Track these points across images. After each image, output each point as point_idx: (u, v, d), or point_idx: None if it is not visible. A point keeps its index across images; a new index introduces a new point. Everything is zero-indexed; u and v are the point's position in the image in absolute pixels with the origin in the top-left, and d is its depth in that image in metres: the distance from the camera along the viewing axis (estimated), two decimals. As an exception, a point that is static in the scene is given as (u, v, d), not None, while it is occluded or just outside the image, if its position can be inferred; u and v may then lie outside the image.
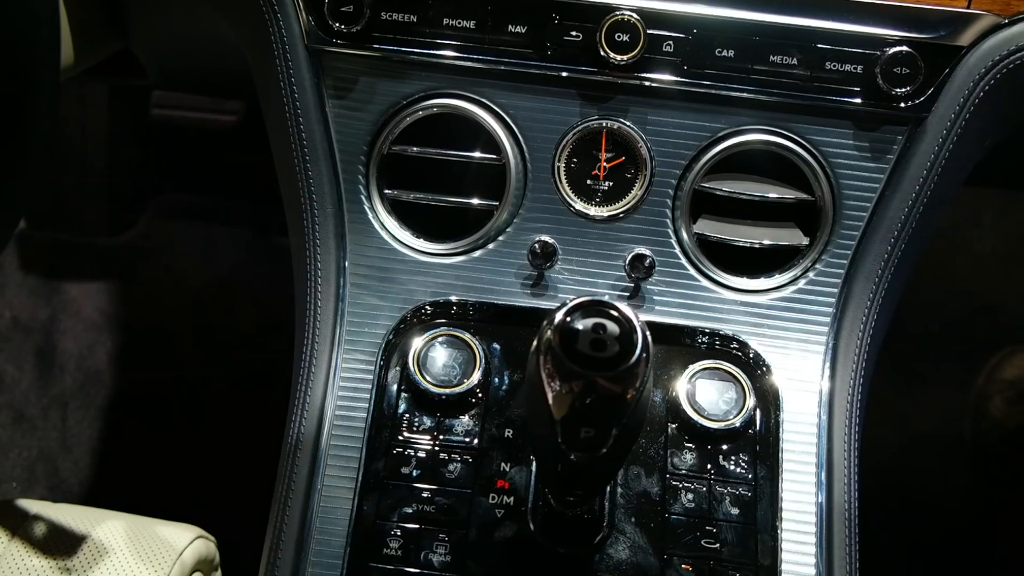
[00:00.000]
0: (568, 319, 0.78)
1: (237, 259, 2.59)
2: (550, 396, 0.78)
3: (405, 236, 1.14)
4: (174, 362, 2.45)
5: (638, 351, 0.77)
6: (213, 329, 2.49)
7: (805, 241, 1.13)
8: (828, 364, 1.09)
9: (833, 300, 1.12)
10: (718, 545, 1.00)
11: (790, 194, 1.13)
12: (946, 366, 2.40)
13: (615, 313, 0.78)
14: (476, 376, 1.06)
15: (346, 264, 1.12)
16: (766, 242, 1.13)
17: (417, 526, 1.00)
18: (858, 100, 1.10)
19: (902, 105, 1.09)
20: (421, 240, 1.14)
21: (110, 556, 1.35)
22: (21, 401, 2.39)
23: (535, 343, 0.80)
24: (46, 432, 2.36)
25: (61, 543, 1.36)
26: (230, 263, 2.59)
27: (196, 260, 2.60)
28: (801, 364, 1.09)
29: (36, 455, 2.33)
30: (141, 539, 1.37)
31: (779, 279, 1.13)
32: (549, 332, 0.78)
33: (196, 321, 2.50)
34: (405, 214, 1.15)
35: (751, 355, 1.10)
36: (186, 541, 1.39)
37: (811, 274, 1.12)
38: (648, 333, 0.78)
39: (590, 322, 0.78)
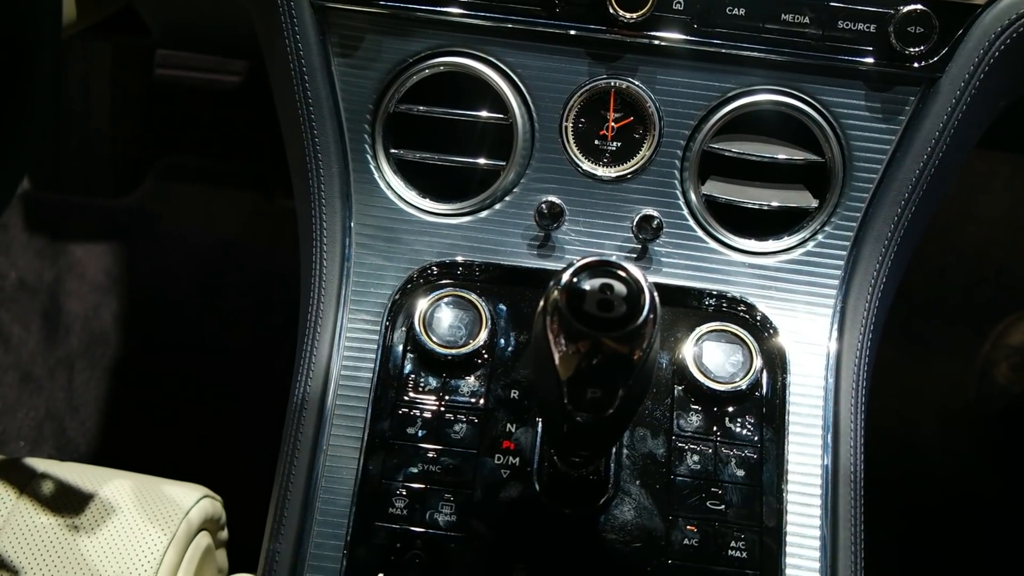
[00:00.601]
0: (575, 279, 0.77)
1: (241, 221, 2.59)
2: (556, 357, 0.78)
3: (411, 196, 1.13)
4: (179, 324, 2.45)
5: (645, 312, 0.76)
6: (218, 290, 2.49)
7: (814, 203, 1.12)
8: (836, 327, 1.08)
9: (842, 263, 1.11)
10: (723, 507, 1.00)
11: (799, 155, 1.12)
12: (953, 332, 2.40)
13: (622, 273, 0.77)
14: (482, 337, 1.05)
15: (351, 224, 1.12)
16: (775, 204, 1.12)
17: (422, 486, 1.00)
18: (870, 60, 1.08)
19: (915, 65, 1.07)
20: (427, 200, 1.13)
21: (117, 515, 1.36)
22: (28, 361, 2.40)
23: (541, 303, 0.79)
24: (53, 392, 2.37)
25: (68, 501, 1.37)
26: (234, 225, 2.58)
27: (200, 222, 2.59)
28: (808, 327, 1.08)
29: (43, 415, 2.34)
30: (148, 498, 1.38)
31: (788, 241, 1.12)
32: (556, 292, 0.77)
33: (201, 282, 2.50)
34: (411, 174, 1.14)
35: (758, 317, 1.09)
36: (192, 500, 1.40)
37: (820, 236, 1.11)
38: (656, 294, 0.77)
39: (597, 282, 0.77)
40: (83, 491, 1.38)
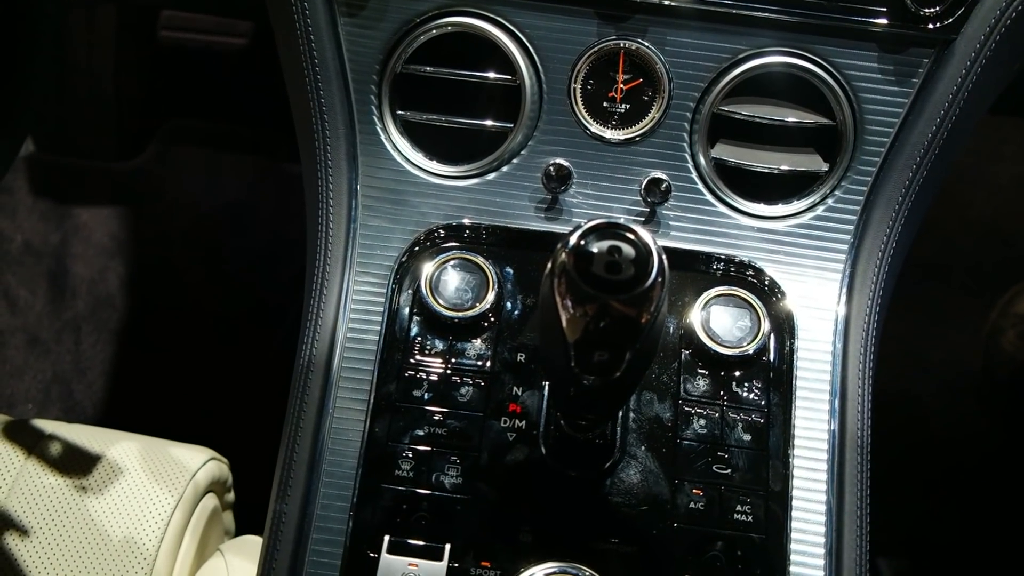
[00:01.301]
0: (583, 242, 0.77)
1: (246, 185, 2.58)
2: (564, 319, 0.77)
3: (418, 158, 1.12)
4: (185, 287, 2.46)
5: (653, 275, 0.75)
6: (223, 254, 2.48)
7: (825, 167, 1.11)
8: (844, 291, 1.07)
9: (851, 227, 1.10)
10: (729, 471, 1.00)
11: (810, 118, 1.11)
12: (960, 299, 2.39)
13: (631, 236, 0.77)
14: (488, 300, 1.05)
15: (358, 186, 1.11)
16: (784, 168, 1.11)
17: (428, 448, 1.00)
18: (884, 21, 1.06)
19: (930, 27, 1.06)
20: (434, 162, 1.12)
21: (124, 476, 1.37)
22: (35, 325, 2.40)
23: (549, 265, 0.79)
24: (60, 355, 2.37)
25: (76, 463, 1.38)
26: (239, 189, 2.57)
27: (205, 186, 2.59)
28: (817, 291, 1.08)
29: (51, 378, 2.35)
30: (155, 460, 1.39)
31: (797, 205, 1.11)
32: (563, 254, 0.77)
33: (206, 246, 2.50)
34: (418, 135, 1.13)
35: (766, 282, 1.09)
36: (199, 462, 1.40)
37: (830, 200, 1.10)
38: (664, 257, 0.76)
39: (605, 245, 0.76)
40: (90, 453, 1.39)
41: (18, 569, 1.27)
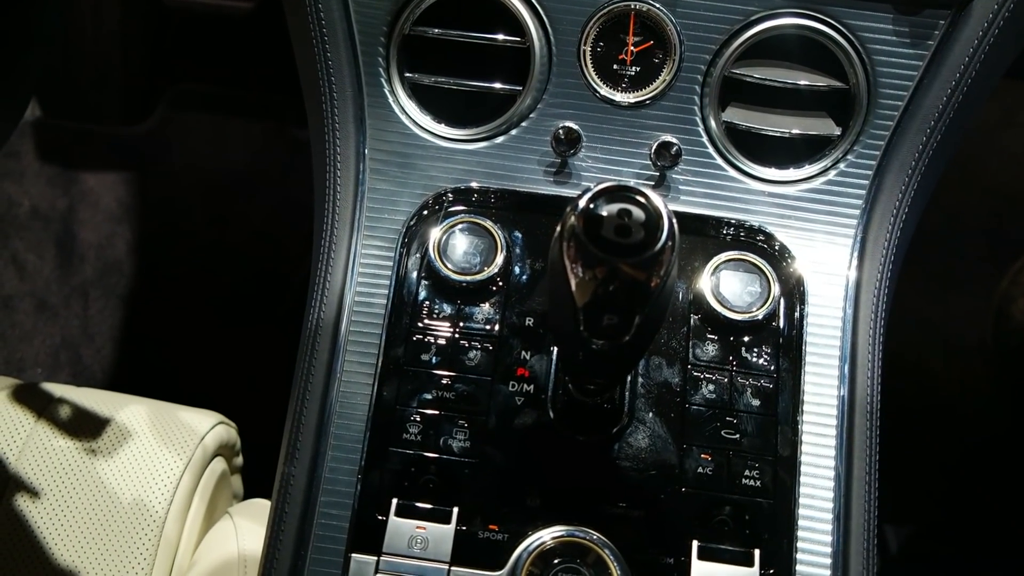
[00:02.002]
0: (593, 204, 0.76)
1: (252, 150, 2.57)
2: (573, 283, 0.77)
3: (426, 121, 1.11)
4: (192, 252, 2.46)
5: (664, 238, 0.75)
6: (229, 219, 2.48)
7: (837, 131, 1.10)
8: (856, 256, 1.06)
9: (863, 192, 1.09)
10: (738, 436, 0.99)
11: (823, 82, 1.09)
12: (971, 267, 2.38)
13: (641, 199, 0.76)
14: (497, 264, 1.04)
15: (365, 150, 1.10)
16: (796, 131, 1.10)
17: (436, 412, 1.00)
18: (899, -18, 1.05)
19: (946, -13, 1.04)
20: (442, 125, 1.11)
21: (133, 439, 1.37)
22: (43, 290, 2.41)
23: (558, 229, 0.78)
24: (68, 320, 2.38)
25: (86, 426, 1.38)
26: (246, 154, 2.57)
27: (212, 151, 2.58)
28: (828, 256, 1.07)
29: (59, 343, 2.36)
30: (163, 423, 1.39)
31: (809, 170, 1.10)
32: (573, 217, 0.76)
33: (213, 211, 2.49)
34: (426, 98, 1.12)
35: (777, 247, 1.08)
36: (208, 426, 1.41)
37: (842, 165, 1.09)
38: (675, 220, 0.76)
39: (615, 207, 0.76)
40: (100, 416, 1.40)
41: (30, 530, 1.28)
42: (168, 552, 1.29)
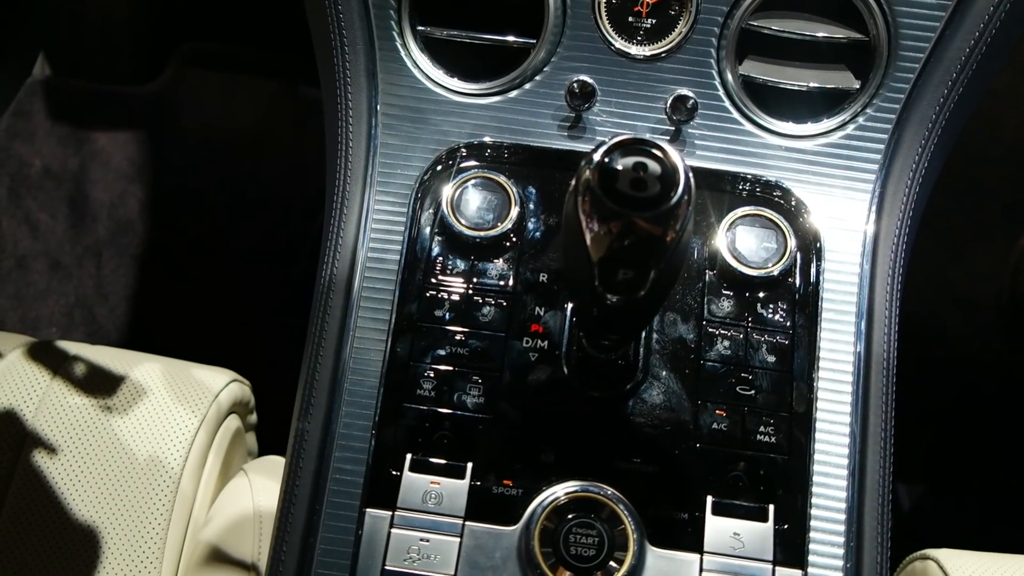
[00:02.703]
0: (608, 158, 0.75)
1: (263, 109, 2.56)
2: (588, 237, 0.76)
3: (438, 75, 1.10)
4: (204, 211, 2.45)
5: (680, 191, 0.74)
6: (240, 178, 2.47)
7: (856, 84, 1.08)
8: (874, 211, 1.05)
9: (882, 146, 1.07)
10: (753, 392, 0.99)
11: (842, 33, 1.07)
12: (987, 225, 2.35)
13: (657, 152, 0.75)
14: (511, 219, 1.03)
15: (377, 105, 1.09)
16: (814, 85, 1.08)
17: (450, 368, 1.00)
18: (923, -71, 1.02)
19: (971, -66, 1.01)
20: (455, 79, 1.10)
21: (148, 396, 1.38)
22: (56, 249, 2.41)
23: (573, 183, 0.77)
24: (81, 280, 2.39)
25: (100, 383, 1.39)
26: (257, 113, 2.55)
27: (222, 110, 2.56)
28: (845, 212, 1.06)
29: (73, 302, 2.37)
30: (178, 381, 1.40)
31: (827, 124, 1.08)
32: (588, 171, 0.75)
33: (224, 169, 2.49)
34: (438, 52, 1.11)
35: (793, 202, 1.06)
36: (222, 384, 1.41)
37: (861, 119, 1.08)
38: (691, 173, 0.75)
39: (631, 161, 0.75)
40: (114, 374, 1.40)
41: (48, 487, 1.29)
42: (184, 508, 1.30)
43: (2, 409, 1.34)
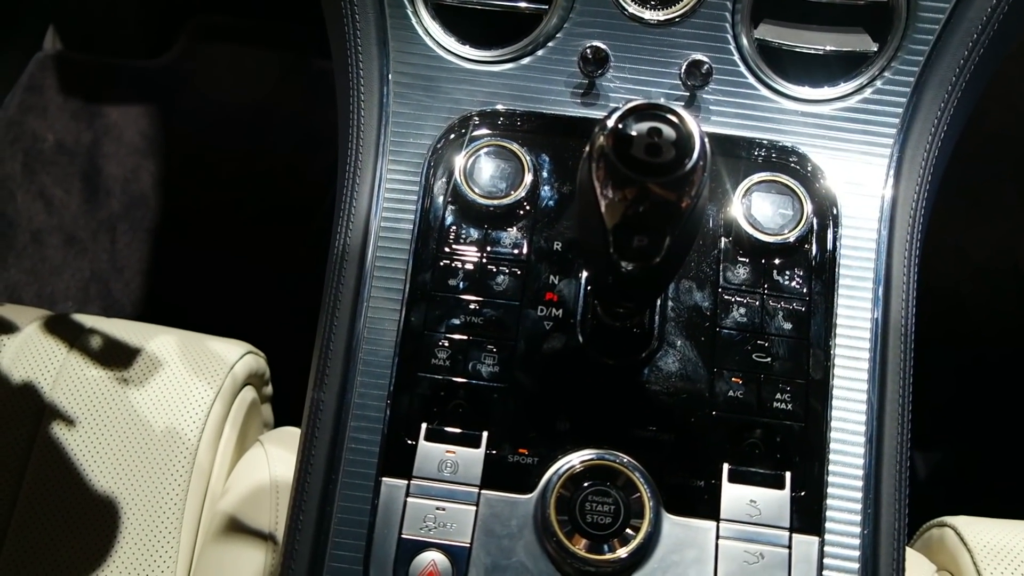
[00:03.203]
0: (622, 124, 0.74)
1: (274, 81, 2.55)
2: (602, 204, 0.75)
3: (450, 42, 1.09)
4: (216, 184, 2.45)
5: (695, 157, 0.73)
6: (253, 150, 2.47)
7: (874, 47, 1.06)
8: (892, 176, 1.04)
9: (900, 110, 1.05)
10: (769, 359, 0.98)
11: None
12: (1004, 193, 2.33)
13: (672, 117, 0.74)
14: (524, 187, 1.03)
15: (389, 73, 1.08)
16: (831, 48, 1.07)
17: (465, 337, 0.99)
18: None
19: None
20: (467, 47, 1.09)
21: (164, 369, 1.38)
22: (71, 224, 2.42)
23: (587, 149, 0.76)
24: (96, 254, 2.40)
25: (117, 356, 1.39)
26: (267, 85, 2.54)
27: (233, 82, 2.56)
28: (863, 177, 1.04)
29: (88, 276, 2.38)
30: (193, 353, 1.40)
31: (844, 88, 1.07)
32: (602, 137, 0.74)
33: (236, 142, 2.48)
34: (450, 19, 1.09)
35: (810, 167, 1.05)
36: (237, 355, 1.42)
37: (879, 82, 1.06)
38: (707, 138, 0.74)
39: (645, 126, 0.74)
40: (130, 346, 1.41)
41: (67, 459, 1.30)
42: (201, 479, 1.31)
43: (21, 382, 1.35)
